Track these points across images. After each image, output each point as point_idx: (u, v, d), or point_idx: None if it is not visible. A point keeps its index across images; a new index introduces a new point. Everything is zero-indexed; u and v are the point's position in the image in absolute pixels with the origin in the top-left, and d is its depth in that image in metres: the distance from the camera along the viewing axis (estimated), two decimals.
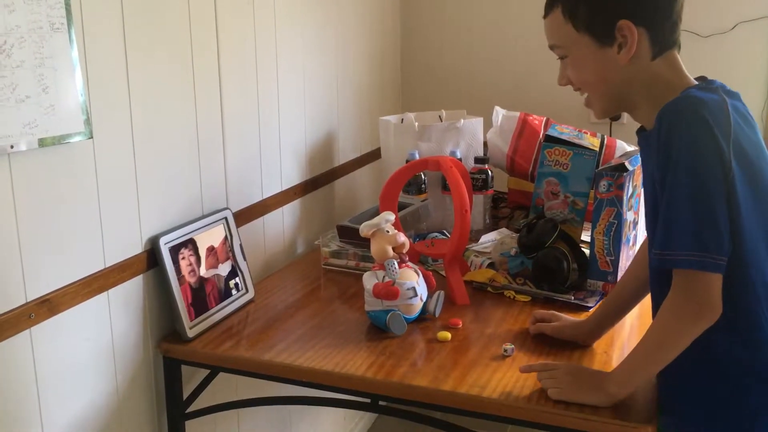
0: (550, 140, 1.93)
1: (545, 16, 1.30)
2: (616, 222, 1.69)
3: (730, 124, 1.12)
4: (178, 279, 1.57)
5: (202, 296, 1.63)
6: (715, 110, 1.12)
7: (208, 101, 1.71)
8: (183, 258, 1.59)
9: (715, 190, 1.11)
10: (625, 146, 2.20)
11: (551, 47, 1.30)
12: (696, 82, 1.24)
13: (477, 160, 2.27)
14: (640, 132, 1.29)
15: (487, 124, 2.41)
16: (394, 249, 1.62)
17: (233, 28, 1.79)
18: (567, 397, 1.28)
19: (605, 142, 2.19)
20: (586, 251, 1.79)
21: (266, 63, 1.95)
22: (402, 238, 1.63)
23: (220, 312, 1.67)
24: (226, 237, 1.74)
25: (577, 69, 1.28)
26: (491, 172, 2.27)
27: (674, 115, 1.13)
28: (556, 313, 1.57)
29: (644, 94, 1.24)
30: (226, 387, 1.80)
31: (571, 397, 1.28)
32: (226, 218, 1.75)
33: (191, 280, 1.61)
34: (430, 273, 1.70)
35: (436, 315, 1.65)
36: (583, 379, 1.31)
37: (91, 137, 1.35)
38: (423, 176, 2.23)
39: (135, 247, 1.52)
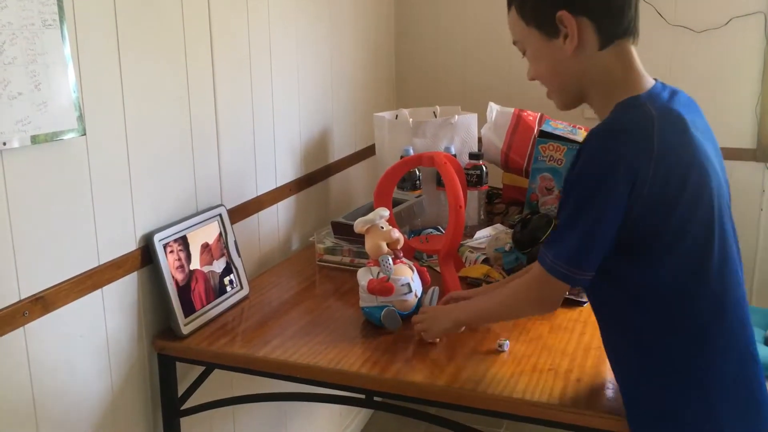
0: (545, 136, 1.94)
1: (508, 14, 1.31)
2: None
3: (653, 143, 1.10)
4: (173, 276, 1.56)
5: (196, 293, 1.63)
6: (638, 129, 1.11)
7: (202, 98, 1.71)
8: (176, 255, 1.59)
9: (606, 207, 1.12)
10: None
11: (514, 43, 1.31)
12: (646, 76, 1.21)
13: (471, 155, 2.27)
14: None
15: (482, 120, 2.41)
16: (388, 245, 1.62)
17: (227, 24, 1.78)
18: (433, 336, 1.50)
19: None
20: None
21: (260, 59, 1.94)
22: (396, 234, 1.63)
23: (214, 309, 1.66)
24: (220, 234, 1.74)
25: (533, 62, 1.29)
26: (486, 167, 2.28)
27: (598, 127, 1.15)
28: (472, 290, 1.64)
29: (595, 86, 1.23)
30: (221, 384, 1.80)
31: (436, 334, 1.50)
32: (220, 215, 1.75)
33: (185, 276, 1.61)
34: (425, 269, 1.70)
35: None
36: (440, 317, 1.50)
37: (84, 134, 1.35)
38: (417, 172, 2.23)
39: (129, 245, 1.52)
